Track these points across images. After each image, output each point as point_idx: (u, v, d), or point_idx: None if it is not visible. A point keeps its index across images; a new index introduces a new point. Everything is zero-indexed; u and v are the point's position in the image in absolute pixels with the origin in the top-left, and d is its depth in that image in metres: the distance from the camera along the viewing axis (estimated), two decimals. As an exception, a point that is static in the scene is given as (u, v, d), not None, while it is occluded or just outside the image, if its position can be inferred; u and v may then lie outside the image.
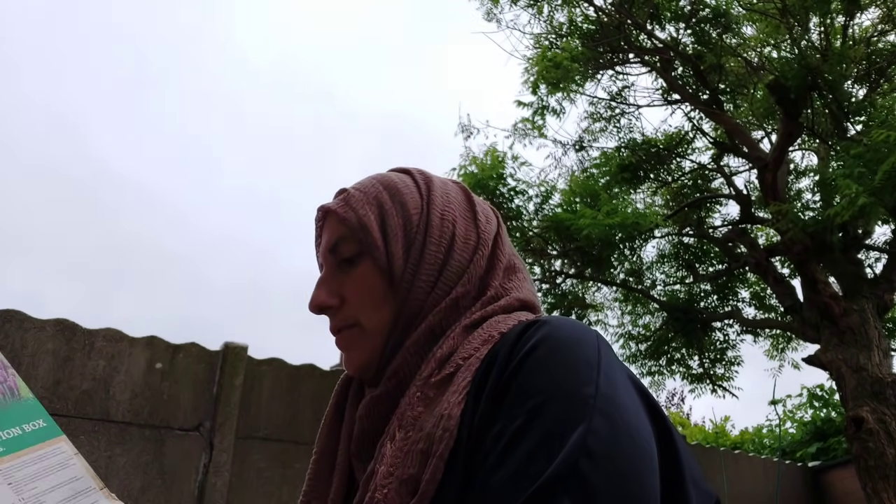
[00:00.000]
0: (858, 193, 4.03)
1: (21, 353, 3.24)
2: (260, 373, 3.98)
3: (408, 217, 0.71)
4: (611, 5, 6.17)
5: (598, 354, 0.56)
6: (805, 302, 5.54)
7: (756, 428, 10.49)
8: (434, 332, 0.67)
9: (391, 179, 0.75)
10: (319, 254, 0.76)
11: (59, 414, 3.27)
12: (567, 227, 5.91)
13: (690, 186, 7.14)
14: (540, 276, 6.83)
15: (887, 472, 4.57)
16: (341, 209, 0.72)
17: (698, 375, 7.27)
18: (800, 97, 5.01)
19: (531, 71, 6.37)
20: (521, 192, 6.62)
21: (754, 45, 6.35)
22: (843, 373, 5.02)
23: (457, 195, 0.76)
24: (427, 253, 0.70)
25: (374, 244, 0.70)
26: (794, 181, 7.21)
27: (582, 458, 0.48)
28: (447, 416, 0.56)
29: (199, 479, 3.57)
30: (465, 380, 0.59)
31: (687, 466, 0.56)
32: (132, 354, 3.57)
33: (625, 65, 6.69)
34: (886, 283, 5.57)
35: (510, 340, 0.59)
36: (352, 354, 0.71)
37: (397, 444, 0.58)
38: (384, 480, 0.56)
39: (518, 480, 0.49)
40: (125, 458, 3.40)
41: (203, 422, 3.69)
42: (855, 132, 5.36)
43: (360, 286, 0.70)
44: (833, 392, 8.66)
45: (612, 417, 0.51)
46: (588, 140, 7.24)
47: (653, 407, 0.57)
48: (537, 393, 0.53)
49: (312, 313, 0.72)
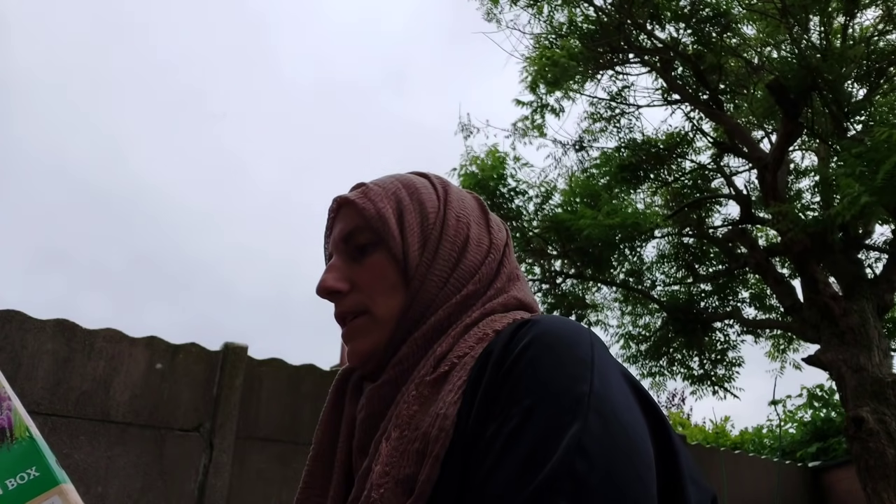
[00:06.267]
0: (860, 193, 4.03)
1: (21, 354, 3.24)
2: (260, 373, 3.98)
3: (425, 214, 0.72)
4: (611, 5, 6.16)
5: (592, 353, 0.56)
6: (805, 302, 5.54)
7: (756, 428, 10.49)
8: (441, 327, 0.67)
9: (410, 179, 0.76)
10: (330, 243, 0.76)
11: (59, 414, 3.27)
12: (567, 228, 5.91)
13: (690, 186, 7.14)
14: (540, 276, 6.83)
15: (887, 472, 4.57)
16: (360, 199, 0.72)
17: (699, 376, 7.27)
18: (800, 97, 5.01)
19: (529, 70, 6.38)
20: (521, 193, 6.62)
21: (754, 45, 6.35)
22: (843, 373, 5.01)
23: (472, 202, 0.78)
24: (442, 249, 0.71)
25: (391, 234, 0.70)
26: (794, 181, 7.20)
27: (577, 458, 0.48)
28: (443, 416, 0.56)
29: (199, 479, 3.57)
30: (460, 379, 0.59)
31: (684, 464, 0.56)
32: (132, 355, 3.57)
33: (625, 65, 6.69)
34: (886, 283, 5.56)
35: (504, 339, 0.59)
36: (358, 343, 0.71)
37: (393, 444, 0.58)
38: (381, 480, 0.56)
39: (515, 481, 0.49)
40: (125, 458, 3.40)
41: (203, 422, 3.69)
42: (855, 132, 5.36)
43: (373, 273, 0.70)
44: (833, 392, 8.66)
45: (606, 416, 0.51)
46: (588, 140, 7.24)
47: (648, 404, 0.57)
48: (531, 392, 0.53)
49: (319, 297, 0.72)
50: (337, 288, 0.71)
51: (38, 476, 0.56)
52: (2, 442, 0.57)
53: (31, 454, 0.57)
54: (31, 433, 0.58)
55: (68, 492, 0.56)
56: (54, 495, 0.56)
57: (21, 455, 0.57)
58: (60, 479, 0.56)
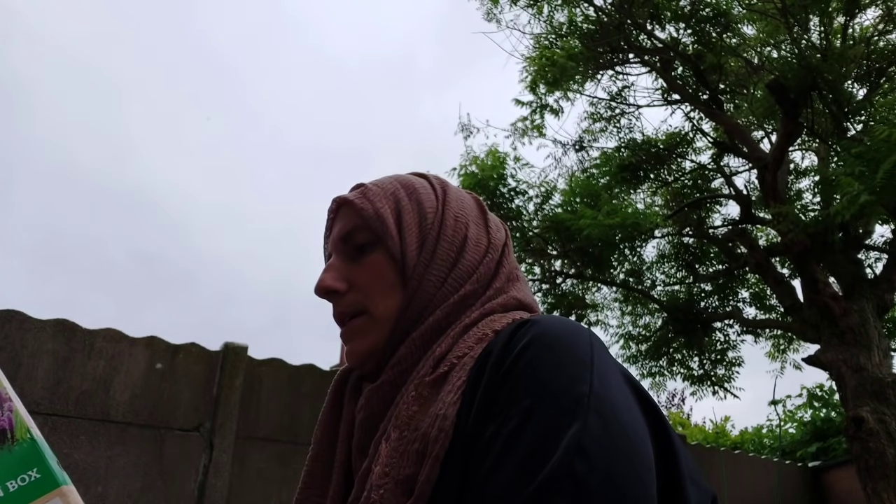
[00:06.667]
0: (860, 192, 4.03)
1: (21, 353, 3.24)
2: (260, 373, 3.98)
3: (423, 214, 0.73)
4: (611, 5, 6.16)
5: (592, 352, 0.56)
6: (805, 302, 5.54)
7: (756, 428, 10.49)
8: (440, 327, 0.67)
9: (409, 179, 0.77)
10: (329, 243, 0.77)
11: (59, 414, 3.27)
12: (567, 228, 5.91)
13: (690, 186, 7.14)
14: (540, 276, 6.83)
15: (887, 472, 4.57)
16: (358, 200, 0.73)
17: (699, 377, 7.27)
18: (800, 97, 5.01)
19: (529, 70, 6.38)
20: (521, 193, 6.62)
21: (754, 45, 6.35)
22: (843, 373, 5.01)
23: (470, 203, 0.78)
24: (440, 249, 0.71)
25: (389, 234, 0.70)
26: (794, 181, 7.20)
27: (577, 459, 0.48)
28: (443, 417, 0.56)
29: (199, 479, 3.57)
30: (459, 379, 0.59)
31: (684, 464, 0.56)
32: (132, 355, 3.57)
33: (625, 65, 6.69)
34: (886, 283, 5.56)
35: (503, 339, 0.59)
36: (356, 343, 0.71)
37: (392, 444, 0.58)
38: (380, 481, 0.56)
39: (514, 482, 0.49)
40: (125, 458, 3.40)
41: (203, 422, 3.69)
42: (855, 132, 5.36)
43: (371, 273, 0.71)
44: (833, 392, 8.66)
45: (606, 416, 0.51)
46: (588, 140, 7.24)
47: (648, 404, 0.57)
48: (531, 393, 0.53)
49: (318, 296, 0.73)
50: (335, 287, 0.71)
51: (39, 478, 0.56)
52: (3, 443, 0.56)
53: (32, 456, 0.56)
54: (33, 434, 0.57)
55: (69, 493, 0.55)
56: (55, 497, 0.55)
57: (22, 457, 0.56)
58: (61, 481, 0.56)
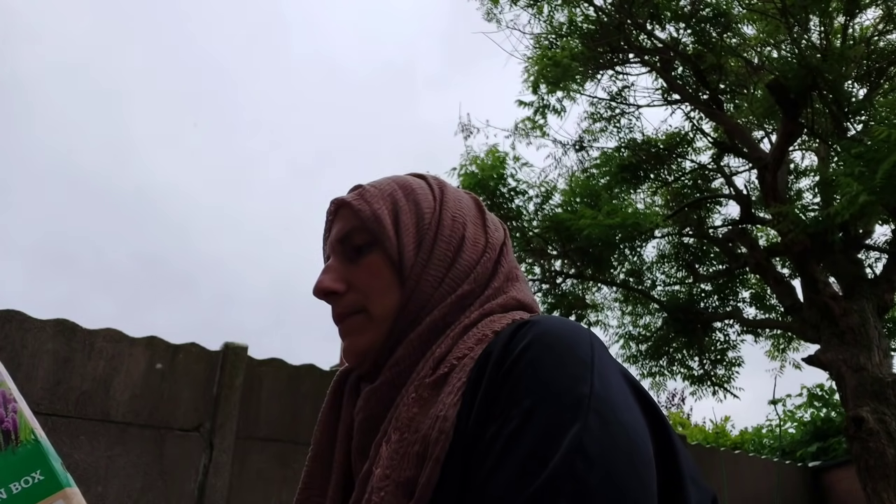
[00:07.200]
0: (859, 192, 4.03)
1: (21, 353, 3.24)
2: (260, 373, 3.98)
3: (421, 214, 0.73)
4: (611, 5, 6.16)
5: (592, 353, 0.56)
6: (805, 302, 5.54)
7: (756, 428, 10.49)
8: (438, 328, 0.67)
9: (406, 180, 0.77)
10: (327, 245, 0.77)
11: (59, 414, 3.27)
12: (567, 228, 5.91)
13: (690, 186, 7.14)
14: (540, 276, 6.83)
15: (887, 472, 4.57)
16: (356, 201, 0.73)
17: (699, 377, 7.27)
18: (800, 97, 5.01)
19: (531, 70, 6.38)
20: (521, 193, 6.62)
21: (754, 45, 6.35)
22: (843, 373, 5.01)
23: (468, 202, 0.78)
24: (437, 249, 0.71)
25: (387, 235, 0.70)
26: (794, 181, 7.20)
27: (577, 459, 0.48)
28: (443, 418, 0.56)
29: (199, 479, 3.57)
30: (459, 380, 0.59)
31: (684, 464, 0.56)
32: (132, 355, 3.57)
33: (625, 65, 6.69)
34: (886, 283, 5.56)
35: (503, 340, 0.59)
36: (354, 341, 0.71)
37: (393, 446, 0.58)
38: (381, 483, 0.56)
39: (515, 482, 0.49)
40: (125, 458, 3.40)
41: (203, 422, 3.69)
42: (855, 132, 5.36)
43: (369, 273, 0.71)
44: (833, 392, 8.66)
45: (607, 416, 0.51)
46: (588, 140, 7.24)
47: (648, 405, 0.57)
48: (531, 393, 0.53)
49: (317, 297, 0.73)
50: (333, 288, 0.71)
51: (43, 480, 0.56)
52: (7, 445, 0.56)
53: (36, 457, 0.56)
54: (37, 436, 0.57)
55: (73, 495, 0.55)
56: (59, 499, 0.55)
57: (26, 458, 0.56)
58: (65, 483, 0.56)
